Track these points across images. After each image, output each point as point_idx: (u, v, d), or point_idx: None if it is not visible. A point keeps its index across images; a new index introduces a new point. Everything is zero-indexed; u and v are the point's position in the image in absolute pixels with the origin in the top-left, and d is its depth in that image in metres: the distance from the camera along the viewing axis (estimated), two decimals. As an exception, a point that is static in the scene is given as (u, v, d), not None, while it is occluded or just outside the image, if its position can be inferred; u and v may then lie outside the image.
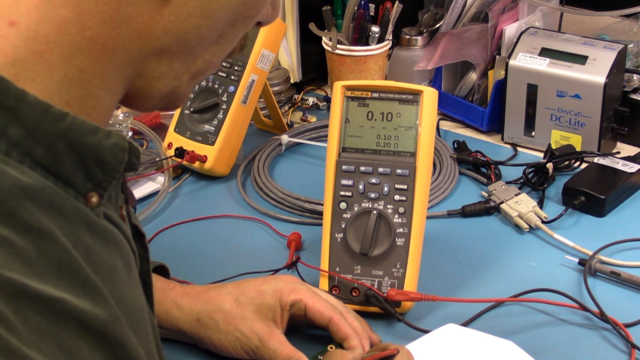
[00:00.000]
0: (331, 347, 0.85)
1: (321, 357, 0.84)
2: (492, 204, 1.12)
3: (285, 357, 0.82)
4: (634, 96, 1.26)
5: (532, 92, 1.25)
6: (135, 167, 0.57)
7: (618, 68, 1.21)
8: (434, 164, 1.21)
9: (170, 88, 0.57)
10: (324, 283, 0.93)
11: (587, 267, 0.98)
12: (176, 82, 0.57)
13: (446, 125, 1.37)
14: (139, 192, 1.17)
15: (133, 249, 0.61)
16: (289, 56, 1.46)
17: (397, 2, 1.37)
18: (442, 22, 1.41)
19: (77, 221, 0.52)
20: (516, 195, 1.11)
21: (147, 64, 0.55)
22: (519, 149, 1.29)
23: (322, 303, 0.86)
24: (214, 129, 1.21)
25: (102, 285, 0.52)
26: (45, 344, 0.46)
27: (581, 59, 1.21)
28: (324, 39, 1.39)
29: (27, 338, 0.45)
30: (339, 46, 1.37)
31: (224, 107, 1.21)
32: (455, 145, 1.27)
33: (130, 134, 1.29)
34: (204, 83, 1.23)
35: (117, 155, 0.54)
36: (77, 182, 0.52)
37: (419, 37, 1.43)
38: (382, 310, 0.90)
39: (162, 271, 0.93)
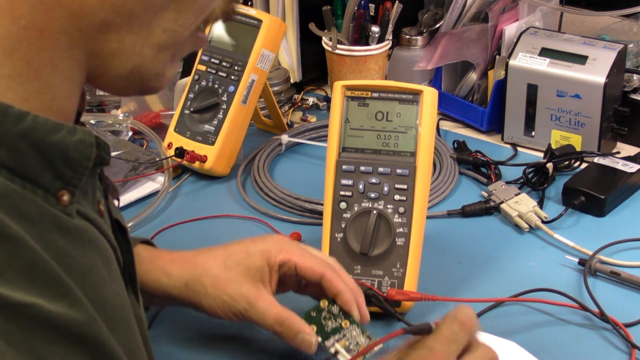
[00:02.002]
0: (324, 302, 0.85)
1: (313, 313, 0.84)
2: (492, 204, 1.12)
3: (275, 317, 0.81)
4: (634, 96, 1.26)
5: (532, 92, 1.25)
6: (106, 162, 0.56)
7: (618, 68, 1.21)
8: (434, 164, 1.21)
9: (132, 65, 0.55)
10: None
11: (587, 267, 0.98)
12: (137, 59, 0.55)
13: (446, 125, 1.37)
14: (139, 192, 1.17)
15: (113, 245, 0.60)
16: (289, 56, 1.46)
17: (397, 2, 1.37)
18: (442, 22, 1.41)
19: (46, 224, 0.51)
20: (516, 195, 1.11)
21: (95, 42, 0.53)
22: (519, 149, 1.29)
23: (313, 260, 0.85)
24: (214, 129, 1.21)
25: (76, 287, 0.51)
26: (17, 351, 0.46)
27: (581, 59, 1.21)
28: (324, 39, 1.39)
29: None
30: (339, 46, 1.37)
31: (224, 107, 1.21)
32: (455, 145, 1.27)
33: (130, 133, 1.29)
34: (204, 83, 1.23)
35: (84, 152, 0.53)
36: (45, 182, 0.51)
37: (419, 37, 1.43)
38: (382, 310, 0.90)
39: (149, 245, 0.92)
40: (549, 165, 1.17)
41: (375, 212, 0.92)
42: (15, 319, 0.46)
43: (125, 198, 1.16)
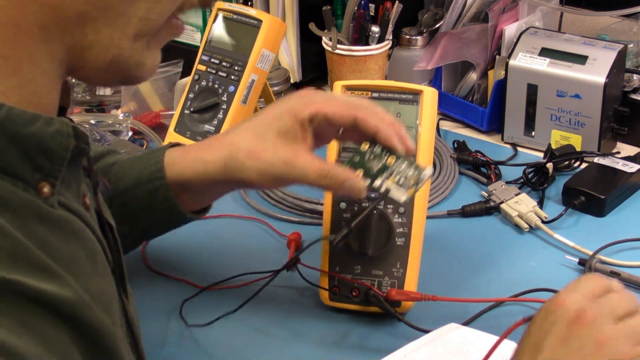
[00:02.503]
0: (364, 145, 0.83)
1: (356, 158, 0.82)
2: (492, 204, 1.12)
3: (316, 171, 0.80)
4: (634, 96, 1.26)
5: (532, 92, 1.25)
6: (85, 152, 0.56)
7: (618, 68, 1.21)
8: (434, 164, 1.21)
9: (111, 57, 0.54)
10: (324, 283, 0.93)
11: (587, 267, 0.98)
12: (115, 50, 0.54)
13: (446, 125, 1.37)
14: (139, 192, 1.17)
15: (100, 239, 0.59)
16: (289, 56, 1.46)
17: (397, 2, 1.37)
18: (442, 22, 1.41)
19: (26, 214, 0.50)
20: (516, 195, 1.11)
21: (72, 35, 0.52)
22: (519, 149, 1.29)
23: (341, 105, 0.82)
24: (214, 129, 1.21)
25: (65, 274, 0.51)
26: (9, 320, 0.45)
27: (581, 59, 1.21)
28: (324, 39, 1.39)
29: None
30: (339, 46, 1.37)
31: (224, 107, 1.21)
32: (455, 145, 1.27)
33: (130, 133, 1.29)
34: (204, 83, 1.23)
35: (62, 142, 0.52)
36: (24, 174, 0.51)
37: (419, 37, 1.43)
38: (382, 310, 0.90)
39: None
40: (549, 165, 1.17)
41: (375, 212, 0.92)
42: (2, 294, 0.46)
43: (125, 198, 1.15)
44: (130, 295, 0.68)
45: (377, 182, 0.82)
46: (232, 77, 1.21)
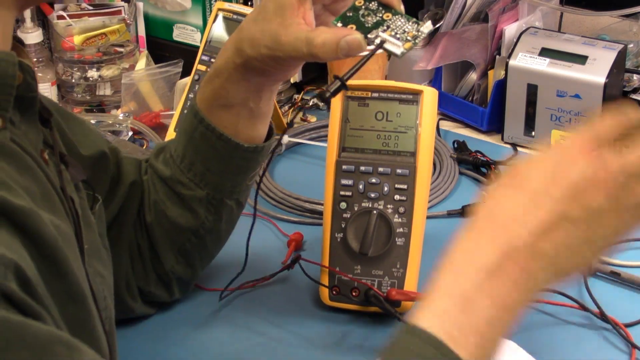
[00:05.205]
0: (359, 0, 0.80)
1: (350, 13, 0.79)
2: (492, 204, 1.11)
3: (305, 42, 0.76)
4: (634, 96, 1.26)
5: (532, 92, 1.25)
6: (33, 88, 0.55)
7: (618, 68, 1.21)
8: (434, 164, 1.21)
9: None
10: (325, 280, 0.93)
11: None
12: None
13: (446, 125, 1.37)
14: (139, 192, 1.17)
15: (58, 193, 0.59)
16: (289, 56, 1.46)
17: (397, 2, 1.36)
18: (442, 22, 1.41)
19: None
20: (516, 195, 1.11)
21: None
22: (519, 149, 1.29)
23: None
24: (214, 128, 1.20)
25: (19, 190, 0.50)
26: None
27: (581, 59, 1.21)
28: (324, 39, 1.39)
29: None
30: (339, 46, 1.37)
31: (224, 107, 1.20)
32: (455, 145, 1.27)
33: (130, 133, 1.29)
34: (204, 83, 1.23)
35: (7, 70, 0.52)
36: None
37: (419, 37, 1.42)
38: (382, 310, 0.90)
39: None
40: (549, 165, 1.17)
41: (375, 212, 0.92)
42: None
43: (125, 198, 1.15)
44: (100, 276, 0.67)
45: (372, 35, 0.78)
46: (232, 77, 1.21)
